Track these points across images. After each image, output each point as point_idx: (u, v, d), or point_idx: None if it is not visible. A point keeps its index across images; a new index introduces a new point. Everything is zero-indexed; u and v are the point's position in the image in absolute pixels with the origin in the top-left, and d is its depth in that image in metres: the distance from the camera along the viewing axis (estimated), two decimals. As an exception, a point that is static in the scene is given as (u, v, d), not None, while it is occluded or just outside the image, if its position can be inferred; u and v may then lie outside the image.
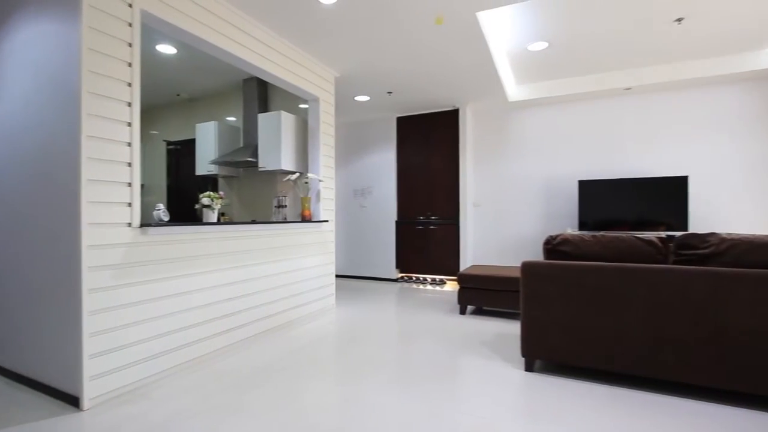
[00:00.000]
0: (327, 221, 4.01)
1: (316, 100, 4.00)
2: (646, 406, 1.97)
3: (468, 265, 5.46)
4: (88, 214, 2.00)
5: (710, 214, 4.60)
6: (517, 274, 3.65)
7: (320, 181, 3.97)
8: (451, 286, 5.47)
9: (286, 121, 4.17)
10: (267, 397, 2.10)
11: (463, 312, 3.89)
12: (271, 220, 3.83)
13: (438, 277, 5.75)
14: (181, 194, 5.52)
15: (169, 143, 5.61)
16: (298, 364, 2.56)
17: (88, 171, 2.00)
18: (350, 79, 4.45)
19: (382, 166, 6.03)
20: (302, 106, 4.58)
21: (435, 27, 3.22)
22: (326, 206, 4.10)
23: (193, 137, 5.23)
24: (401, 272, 6.01)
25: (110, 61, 2.11)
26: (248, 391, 2.17)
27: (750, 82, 4.45)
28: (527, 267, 2.33)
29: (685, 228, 4.41)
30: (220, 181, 5.03)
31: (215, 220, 2.81)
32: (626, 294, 2.10)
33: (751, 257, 1.92)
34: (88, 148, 2.01)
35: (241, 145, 4.82)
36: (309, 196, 3.98)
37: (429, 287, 5.43)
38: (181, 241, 2.48)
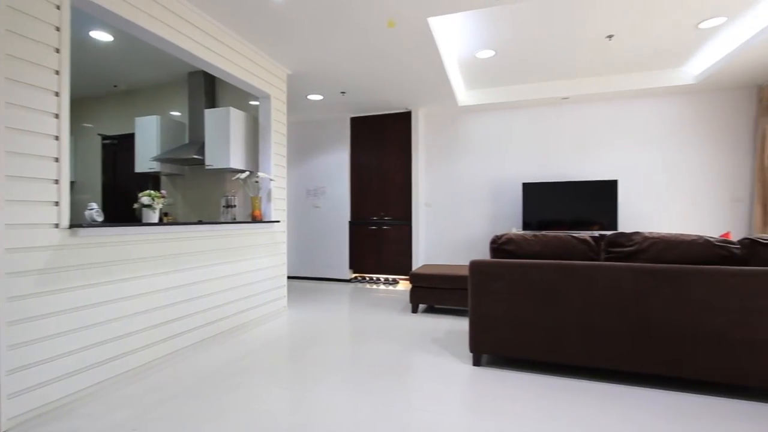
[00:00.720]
0: (278, 221, 3.92)
1: (267, 97, 3.90)
2: (582, 392, 2.13)
3: (420, 265, 5.57)
4: (6, 214, 1.81)
5: (637, 214, 5.05)
6: (467, 272, 3.79)
7: (271, 180, 3.87)
8: (404, 286, 5.56)
9: (236, 117, 4.03)
10: (212, 406, 2.01)
11: (415, 311, 3.96)
12: (219, 221, 3.69)
13: (391, 277, 5.82)
14: (119, 193, 5.14)
15: (104, 137, 5.21)
16: (247, 370, 2.48)
17: (6, 166, 1.82)
18: (303, 78, 4.39)
19: (336, 166, 6.00)
20: (253, 102, 4.45)
21: (388, 30, 3.26)
22: (278, 206, 4.00)
23: (132, 131, 4.89)
24: (355, 272, 6.01)
25: (34, 45, 1.93)
26: (192, 401, 2.07)
27: (669, 96, 4.93)
28: (475, 266, 2.42)
29: (615, 227, 4.81)
30: (163, 180, 4.76)
31: (156, 221, 2.65)
32: (564, 289, 2.25)
33: (668, 254, 2.13)
34: (6, 141, 1.82)
35: (187, 141, 4.59)
36: (260, 195, 3.87)
37: (382, 287, 5.48)
38: (118, 243, 2.32)
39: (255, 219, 3.74)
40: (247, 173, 3.88)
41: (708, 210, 4.82)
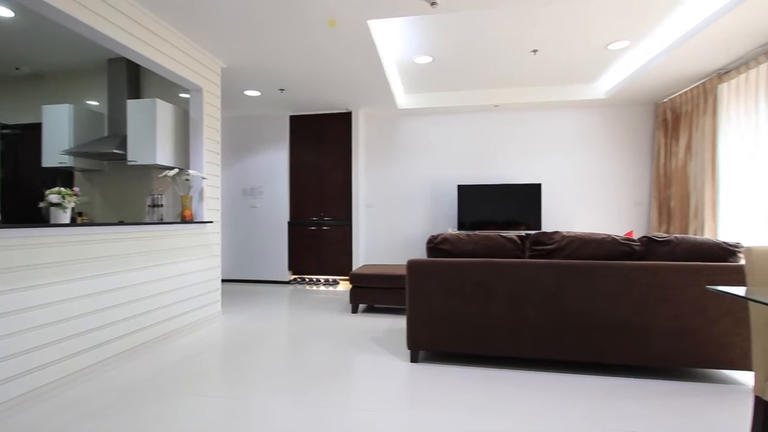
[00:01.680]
0: (212, 222, 3.73)
1: (198, 90, 3.69)
2: (511, 381, 2.29)
3: (360, 265, 5.61)
4: None
5: (558, 215, 5.52)
6: (405, 271, 3.89)
7: (204, 178, 3.67)
8: (344, 286, 5.56)
9: (163, 110, 3.76)
10: (136, 422, 1.87)
11: (355, 311, 3.99)
12: (143, 221, 3.42)
13: (331, 278, 5.79)
14: (21, 190, 4.56)
15: (4, 126, 4.59)
16: (176, 380, 2.34)
17: None
18: (239, 72, 4.21)
19: (274, 165, 5.83)
20: (183, 95, 4.18)
21: (328, 29, 3.24)
22: (211, 206, 3.81)
23: (38, 121, 4.36)
24: (294, 274, 5.89)
25: None
26: (112, 417, 1.91)
27: (584, 109, 5.46)
28: (412, 265, 2.50)
29: (540, 227, 5.22)
30: (78, 176, 4.30)
31: (68, 221, 2.40)
32: (494, 285, 2.40)
33: (583, 251, 2.37)
34: None
35: (106, 134, 4.19)
36: (190, 194, 3.65)
37: (322, 288, 5.44)
38: (18, 246, 2.07)
39: (185, 219, 3.52)
40: (176, 170, 3.64)
41: (615, 211, 5.41)
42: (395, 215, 5.94)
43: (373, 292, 3.88)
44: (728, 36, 3.34)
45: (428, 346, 2.52)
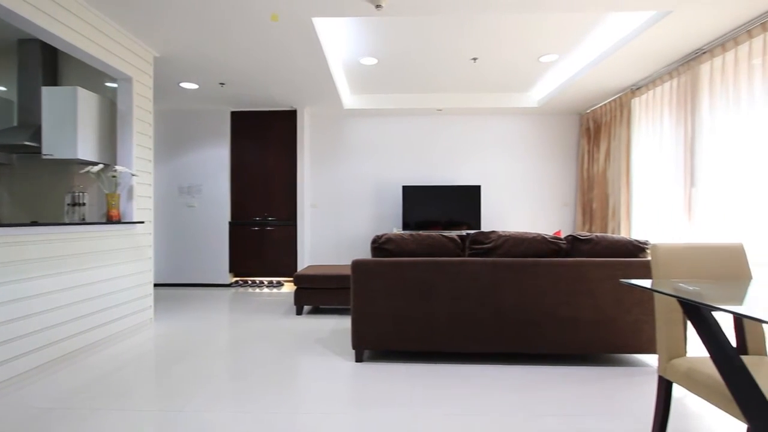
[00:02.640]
0: (143, 222, 3.48)
1: (128, 79, 3.42)
2: (453, 375, 2.39)
3: (305, 266, 5.53)
4: None
5: (496, 215, 5.83)
6: (350, 272, 3.90)
7: (133, 175, 3.41)
8: (289, 288, 5.44)
9: (86, 100, 3.44)
10: (53, 440, 1.70)
11: (300, 312, 3.92)
12: (62, 222, 3.10)
13: (275, 279, 5.64)
14: None
15: None
16: (100, 396, 2.15)
17: None
18: (174, 62, 3.97)
19: (214, 163, 5.56)
20: (110, 84, 3.85)
21: (271, 23, 3.16)
22: (142, 205, 3.55)
23: (-73, 107, 3.79)
24: (235, 276, 5.66)
25: None
26: (24, 438, 1.72)
27: (519, 116, 5.82)
28: (357, 265, 2.52)
29: (479, 226, 5.49)
30: (-22, 170, 3.80)
31: (-31, 222, 2.11)
32: (435, 284, 2.49)
33: (517, 249, 2.53)
34: None
35: (15, 123, 3.75)
36: (118, 192, 3.38)
37: (266, 290, 5.28)
38: None
39: (111, 219, 3.25)
40: (101, 166, 3.35)
41: (546, 212, 5.83)
42: (341, 215, 5.92)
43: (319, 293, 3.84)
44: (639, 56, 3.74)
45: (373, 345, 2.55)
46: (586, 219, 5.53)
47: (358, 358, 2.61)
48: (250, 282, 5.63)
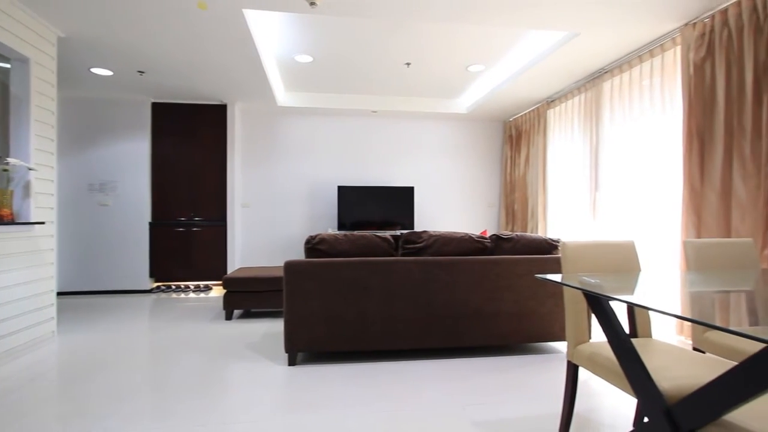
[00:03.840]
0: (43, 223, 3.09)
1: (24, 60, 3.02)
2: (387, 373, 2.44)
3: (236, 268, 5.28)
4: None
5: (428, 215, 6.05)
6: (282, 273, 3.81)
7: (31, 169, 3.02)
8: (218, 292, 5.16)
9: (-31, 82, 2.97)
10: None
11: (229, 317, 3.74)
12: (-65, 223, 2.64)
13: (203, 283, 5.32)
14: None
15: None
16: (-13, 419, 1.88)
17: None
18: (84, 45, 3.58)
19: (132, 158, 5.09)
20: (3, 65, 3.36)
21: (198, 10, 2.98)
22: (42, 203, 3.15)
23: None
24: (157, 281, 5.24)
25: None
26: None
27: (450, 121, 6.10)
28: (289, 266, 2.48)
29: (413, 227, 5.66)
30: None
31: None
32: (369, 283, 2.53)
33: (446, 248, 2.66)
34: None
35: None
36: (11, 189, 2.96)
37: (192, 295, 4.96)
38: None
39: (2, 220, 2.84)
40: (-10, 159, 2.91)
41: (474, 212, 6.18)
42: (274, 215, 5.75)
43: (250, 296, 3.70)
44: (553, 72, 4.12)
45: (306, 347, 2.52)
46: (509, 219, 5.96)
47: (291, 362, 2.56)
48: (174, 287, 5.24)
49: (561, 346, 2.93)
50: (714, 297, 1.27)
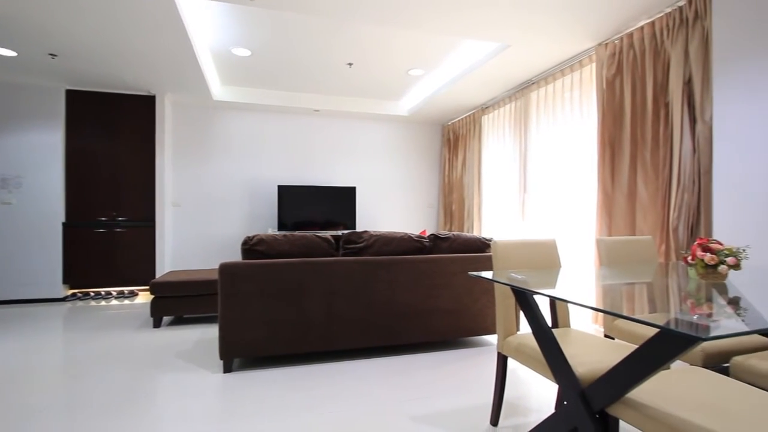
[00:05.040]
0: (-75, 225, 2.66)
1: None
2: (327, 374, 2.42)
3: (166, 272, 4.94)
4: None
5: (370, 215, 6.11)
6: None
7: None
8: (145, 298, 4.79)
9: None
10: None
11: (158, 325, 3.49)
12: None
13: (128, 289, 4.91)
14: None
15: None
16: None
17: None
18: (-22, 23, 3.14)
19: (41, 151, 4.55)
20: None
21: (121, -4, 2.75)
22: (-76, 202, 2.71)
23: None
24: (72, 288, 4.75)
25: None
26: None
27: (392, 122, 6.21)
28: (225, 268, 2.38)
29: (355, 227, 5.68)
30: None
31: None
32: (309, 284, 2.50)
33: (386, 248, 2.71)
34: None
35: None
36: None
37: (115, 302, 4.55)
38: None
39: None
40: None
41: (415, 212, 6.35)
42: (209, 215, 5.46)
43: (181, 301, 3.48)
44: (487, 80, 4.36)
45: (243, 352, 2.43)
46: (447, 219, 6.19)
47: (227, 369, 2.46)
48: (93, 294, 4.78)
49: (493, 339, 3.11)
50: (622, 289, 1.43)
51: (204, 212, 5.45)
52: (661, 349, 1.04)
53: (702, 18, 2.55)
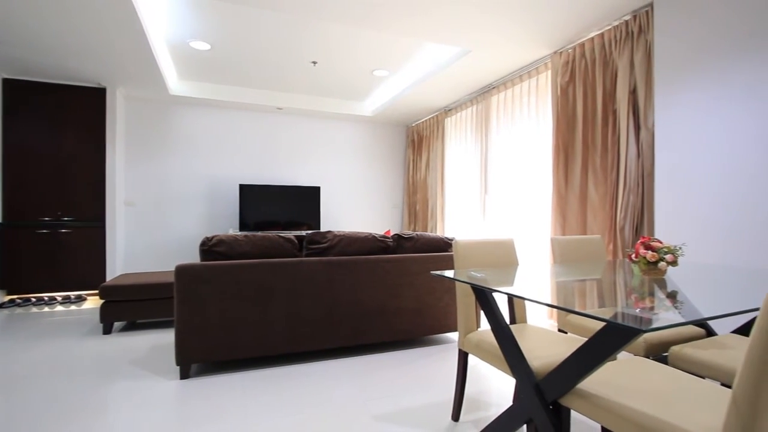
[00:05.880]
0: None
1: None
2: (290, 376, 2.38)
3: (118, 275, 4.68)
4: None
5: (334, 215, 6.07)
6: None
7: None
8: (94, 303, 4.51)
9: None
10: None
11: (108, 331, 3.30)
12: None
13: (74, 294, 4.60)
14: None
15: None
16: None
17: None
18: None
19: (-28, 145, 4.18)
20: None
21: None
22: None
23: None
24: (10, 294, 4.38)
25: None
26: None
27: (357, 123, 6.21)
28: (182, 270, 2.28)
29: (319, 227, 5.63)
30: None
31: None
32: (272, 286, 2.46)
33: (350, 248, 2.71)
34: None
35: None
36: None
37: (60, 308, 4.24)
38: None
39: None
40: None
41: (380, 213, 6.38)
42: (166, 215, 5.22)
43: (135, 306, 3.31)
44: (449, 83, 4.46)
45: (202, 357, 2.35)
46: (411, 219, 6.27)
47: (184, 375, 2.36)
48: (34, 300, 4.43)
49: (456, 336, 3.19)
50: (574, 285, 1.51)
51: (160, 212, 5.20)
52: (608, 341, 1.11)
53: (645, 32, 2.74)
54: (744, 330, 1.78)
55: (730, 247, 2.28)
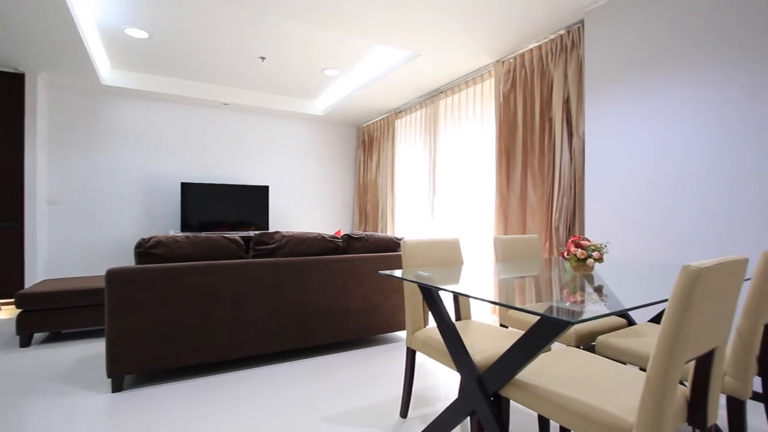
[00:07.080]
0: None
1: None
2: (234, 382, 2.29)
3: (38, 281, 4.24)
4: None
5: (284, 215, 5.94)
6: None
7: None
8: (9, 312, 4.05)
9: None
10: None
11: (26, 343, 2.98)
12: None
13: (-18, 303, 4.09)
14: None
15: None
16: None
17: None
18: None
19: None
20: None
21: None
22: None
23: None
24: None
25: None
26: None
27: (308, 121, 6.11)
28: (113, 274, 2.12)
29: (268, 227, 5.48)
30: None
31: None
32: (216, 289, 2.35)
33: (299, 248, 2.66)
34: None
35: None
36: None
37: (-37, 320, 3.76)
38: None
39: None
40: None
41: (330, 213, 6.33)
42: (97, 215, 4.81)
43: (59, 314, 3.01)
44: (399, 86, 4.53)
45: (137, 368, 2.20)
46: (362, 219, 6.28)
47: (117, 388, 2.19)
48: (-69, 311, 3.89)
49: (405, 334, 3.24)
50: (514, 282, 1.60)
51: (89, 211, 4.79)
52: (542, 333, 1.19)
53: (577, 46, 2.96)
54: (658, 319, 1.98)
55: (654, 245, 2.53)
